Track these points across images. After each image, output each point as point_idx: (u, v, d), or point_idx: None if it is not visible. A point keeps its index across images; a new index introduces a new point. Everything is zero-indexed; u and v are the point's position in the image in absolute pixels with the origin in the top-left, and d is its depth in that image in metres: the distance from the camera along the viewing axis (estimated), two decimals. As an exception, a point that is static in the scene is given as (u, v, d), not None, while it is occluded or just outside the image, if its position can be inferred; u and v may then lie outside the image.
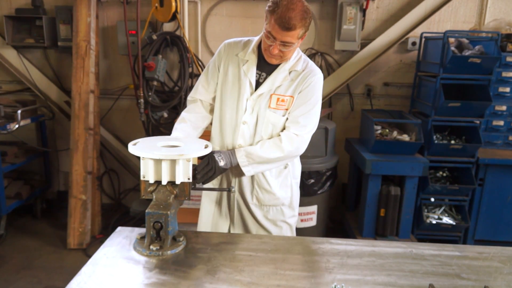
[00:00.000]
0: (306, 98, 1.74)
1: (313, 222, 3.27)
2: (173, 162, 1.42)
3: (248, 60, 1.77)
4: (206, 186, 1.82)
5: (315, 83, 1.75)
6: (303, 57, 1.79)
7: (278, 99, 1.74)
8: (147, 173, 1.44)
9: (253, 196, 1.86)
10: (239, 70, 1.78)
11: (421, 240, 3.35)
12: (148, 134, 3.79)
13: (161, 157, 1.40)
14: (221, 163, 1.64)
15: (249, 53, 1.77)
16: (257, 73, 1.77)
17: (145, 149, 1.44)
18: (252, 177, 1.83)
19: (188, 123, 1.83)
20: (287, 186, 1.90)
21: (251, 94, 1.76)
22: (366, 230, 3.28)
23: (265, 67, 1.76)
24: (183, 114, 1.86)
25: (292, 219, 1.96)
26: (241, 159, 1.69)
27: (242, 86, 1.77)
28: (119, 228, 1.60)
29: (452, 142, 3.36)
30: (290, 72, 1.75)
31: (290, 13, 1.52)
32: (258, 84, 1.77)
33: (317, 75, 1.76)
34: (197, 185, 1.62)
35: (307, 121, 1.75)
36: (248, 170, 1.71)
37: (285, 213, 1.92)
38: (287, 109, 1.76)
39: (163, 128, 3.81)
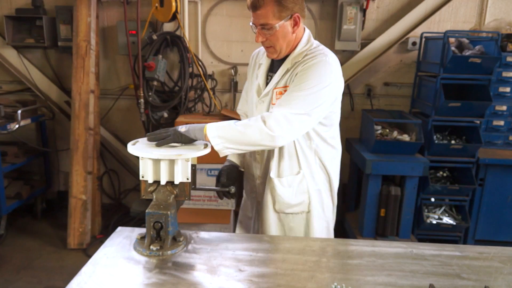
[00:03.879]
0: (297, 82, 1.56)
1: (313, 222, 3.26)
2: (171, 162, 1.41)
3: (261, 63, 1.76)
4: (206, 186, 1.80)
5: (312, 65, 1.55)
6: (313, 45, 1.64)
7: (277, 93, 1.66)
8: (146, 173, 1.43)
9: (269, 203, 1.76)
10: (253, 73, 1.79)
11: (421, 240, 3.35)
12: (148, 134, 3.79)
13: (159, 157, 1.40)
14: (182, 129, 1.51)
15: (263, 57, 1.76)
16: (269, 75, 1.73)
17: (143, 149, 1.44)
18: (269, 186, 1.75)
19: None
20: (304, 193, 1.75)
21: (259, 96, 1.74)
22: (366, 230, 3.28)
23: (276, 67, 1.70)
24: None
25: (316, 224, 1.79)
26: (209, 126, 1.51)
27: (254, 90, 1.77)
28: (119, 228, 1.60)
29: (453, 142, 3.36)
30: (294, 64, 1.62)
31: None
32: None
33: (318, 58, 1.56)
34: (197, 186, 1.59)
35: (288, 101, 1.53)
36: (217, 142, 1.50)
37: (307, 220, 1.78)
38: None
39: (163, 128, 3.81)
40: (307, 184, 1.74)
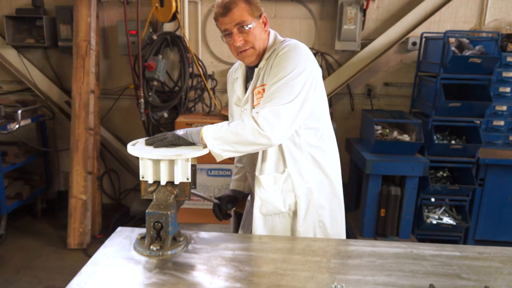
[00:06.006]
0: (274, 73, 1.54)
1: (313, 222, 3.26)
2: (171, 162, 1.41)
3: (237, 77, 1.77)
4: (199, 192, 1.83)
5: (284, 54, 1.54)
6: (281, 40, 1.65)
7: (256, 93, 1.64)
8: (146, 173, 1.43)
9: (256, 204, 1.72)
10: (233, 89, 1.81)
11: (421, 240, 3.35)
12: (149, 134, 3.80)
13: (159, 158, 1.40)
14: (180, 133, 1.53)
15: (237, 71, 1.78)
16: (247, 85, 1.73)
17: (143, 150, 1.44)
18: (256, 184, 1.71)
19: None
20: (289, 192, 1.70)
21: (240, 106, 1.74)
22: (366, 230, 3.28)
23: (251, 75, 1.69)
24: None
25: (303, 227, 1.72)
26: (205, 129, 1.51)
27: (234, 104, 1.78)
28: (119, 228, 1.60)
29: (453, 142, 3.36)
30: (266, 61, 1.62)
31: None
32: None
33: (287, 46, 1.56)
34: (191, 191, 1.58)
35: (270, 95, 1.50)
36: (212, 144, 1.48)
37: (292, 223, 1.73)
38: None
39: (164, 128, 3.82)
40: (293, 183, 1.69)
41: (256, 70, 1.65)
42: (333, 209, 1.79)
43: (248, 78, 1.73)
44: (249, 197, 2.01)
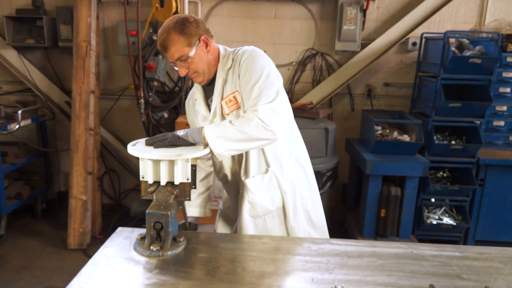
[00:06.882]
0: (247, 78, 1.60)
1: (313, 223, 3.26)
2: (171, 162, 1.42)
3: (196, 99, 1.80)
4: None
5: (247, 58, 1.62)
6: (229, 52, 1.72)
7: (227, 101, 1.67)
8: (146, 173, 1.44)
9: (244, 207, 1.74)
10: (195, 112, 1.83)
11: (421, 240, 3.34)
12: (149, 134, 3.80)
13: (159, 158, 1.40)
14: (180, 133, 1.54)
15: (195, 93, 1.81)
16: (208, 102, 1.76)
17: (143, 150, 1.44)
18: (243, 188, 1.74)
19: (201, 171, 1.91)
20: (275, 190, 1.75)
21: (209, 122, 1.73)
22: (366, 231, 3.28)
23: (211, 92, 1.73)
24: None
25: (294, 221, 1.78)
26: (207, 128, 1.53)
27: (201, 121, 1.79)
28: (119, 229, 1.60)
29: (453, 142, 3.36)
30: (227, 71, 1.68)
31: (160, 35, 1.61)
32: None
33: (246, 52, 1.65)
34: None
35: (257, 96, 1.56)
36: (215, 143, 1.50)
37: (281, 218, 1.78)
38: (239, 107, 1.66)
39: (164, 128, 3.82)
40: (278, 180, 1.75)
41: (220, 82, 1.69)
42: (312, 197, 1.88)
43: (207, 95, 1.77)
44: (220, 205, 2.07)
